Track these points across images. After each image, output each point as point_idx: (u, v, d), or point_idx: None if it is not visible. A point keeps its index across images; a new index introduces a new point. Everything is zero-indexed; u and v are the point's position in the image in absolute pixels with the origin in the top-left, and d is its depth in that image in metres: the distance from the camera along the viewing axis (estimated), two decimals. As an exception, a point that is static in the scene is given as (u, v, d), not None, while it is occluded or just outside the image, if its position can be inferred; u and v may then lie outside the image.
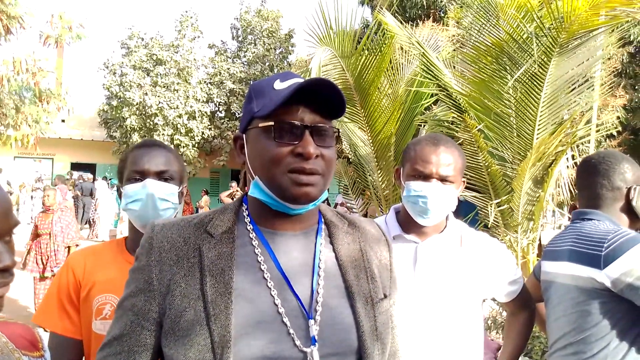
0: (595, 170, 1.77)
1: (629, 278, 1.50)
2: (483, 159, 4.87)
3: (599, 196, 1.75)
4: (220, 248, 0.99)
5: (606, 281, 1.54)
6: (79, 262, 1.59)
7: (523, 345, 1.92)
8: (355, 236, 1.11)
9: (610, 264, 1.53)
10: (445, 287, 1.66)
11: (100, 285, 1.53)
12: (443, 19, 11.03)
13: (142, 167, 1.57)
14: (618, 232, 1.59)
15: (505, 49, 4.70)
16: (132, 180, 1.58)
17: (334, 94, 0.97)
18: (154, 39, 18.95)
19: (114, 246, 1.65)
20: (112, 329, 1.02)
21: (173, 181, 1.62)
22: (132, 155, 1.62)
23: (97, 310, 1.51)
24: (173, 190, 1.60)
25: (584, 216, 1.76)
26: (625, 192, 1.73)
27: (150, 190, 1.55)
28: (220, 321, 0.91)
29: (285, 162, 0.96)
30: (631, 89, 10.72)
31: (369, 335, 0.98)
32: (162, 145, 1.67)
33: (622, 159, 1.76)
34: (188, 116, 18.37)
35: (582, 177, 1.84)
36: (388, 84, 5.81)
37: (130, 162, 1.61)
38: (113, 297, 1.51)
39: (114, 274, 1.53)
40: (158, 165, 1.59)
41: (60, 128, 19.81)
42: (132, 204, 1.56)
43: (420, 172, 1.66)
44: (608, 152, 1.82)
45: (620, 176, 1.73)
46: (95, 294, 1.52)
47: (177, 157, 1.68)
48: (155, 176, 1.58)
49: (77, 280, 1.56)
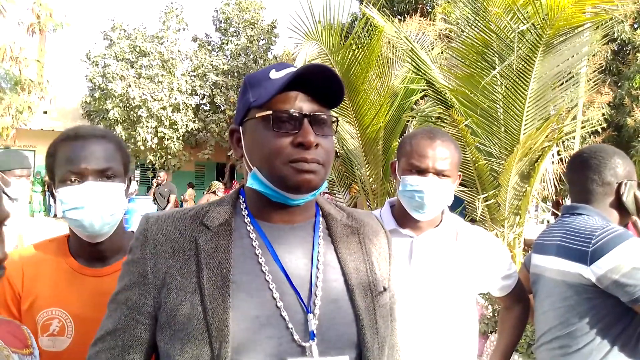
0: (587, 164, 1.76)
1: (614, 275, 1.50)
2: (470, 154, 4.90)
3: (590, 191, 1.75)
4: (217, 241, 0.96)
5: (592, 277, 1.55)
6: (16, 270, 1.34)
7: (517, 339, 1.93)
8: (354, 228, 1.09)
9: (597, 260, 1.54)
10: (441, 282, 1.66)
11: (44, 299, 1.32)
12: (430, 14, 11.05)
13: (79, 167, 1.30)
14: (606, 228, 1.59)
15: (492, 45, 4.73)
16: (68, 182, 1.30)
17: (331, 81, 0.95)
18: (137, 30, 18.73)
19: (54, 249, 1.41)
20: (105, 323, 0.99)
21: (117, 179, 1.35)
22: (64, 149, 1.33)
23: (42, 326, 1.32)
24: (119, 189, 1.35)
25: (574, 211, 1.76)
26: (616, 187, 1.72)
27: (92, 196, 1.29)
28: (217, 315, 0.89)
29: (285, 153, 0.94)
30: (615, 86, 10.86)
31: (368, 329, 0.97)
32: (100, 133, 1.38)
33: (614, 154, 1.76)
34: (172, 108, 18.22)
35: (573, 172, 1.84)
36: (377, 79, 5.80)
37: (64, 159, 1.32)
38: (60, 311, 1.32)
39: (59, 286, 1.34)
40: (99, 163, 1.31)
41: (42, 120, 19.48)
42: (71, 212, 1.30)
43: (417, 167, 1.65)
44: (600, 147, 1.82)
45: (611, 171, 1.72)
46: (39, 308, 1.32)
47: (119, 145, 1.41)
48: (96, 176, 1.31)
49: (16, 293, 1.33)
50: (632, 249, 1.52)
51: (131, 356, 0.96)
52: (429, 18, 10.24)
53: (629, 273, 1.49)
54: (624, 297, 1.51)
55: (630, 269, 1.49)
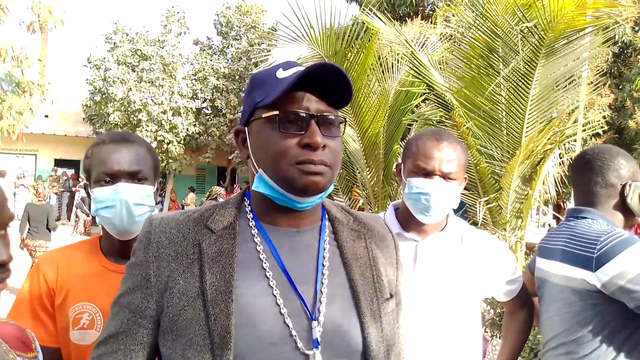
0: (590, 166, 1.74)
1: (620, 281, 1.48)
2: (472, 157, 4.89)
3: (593, 193, 1.72)
4: (220, 244, 0.94)
5: (598, 283, 1.53)
6: (51, 267, 1.44)
7: (522, 344, 1.91)
8: (361, 233, 1.06)
9: (603, 266, 1.51)
10: (446, 286, 1.63)
11: (76, 293, 1.41)
12: (432, 17, 11.06)
13: (112, 169, 1.41)
14: (611, 233, 1.56)
15: (495, 47, 4.72)
16: (102, 183, 1.41)
17: (339, 80, 0.93)
18: (139, 33, 18.78)
19: (87, 248, 1.51)
20: (108, 326, 0.98)
21: (147, 181, 1.46)
22: (98, 152, 1.45)
23: (74, 320, 1.39)
24: (148, 192, 1.46)
25: (578, 214, 1.74)
26: (620, 188, 1.70)
27: (123, 197, 1.39)
28: (220, 321, 0.87)
29: (292, 154, 0.91)
30: (616, 88, 10.86)
31: (374, 337, 0.95)
32: (132, 139, 1.49)
33: (617, 155, 1.73)
34: (173, 112, 18.23)
35: (577, 174, 1.81)
36: (376, 82, 5.79)
37: (98, 161, 1.43)
38: (90, 305, 1.41)
39: (90, 281, 1.42)
40: (130, 166, 1.42)
41: (44, 123, 19.51)
42: (104, 210, 1.41)
43: (423, 169, 1.61)
44: (603, 148, 1.79)
45: (614, 173, 1.70)
46: (70, 303, 1.41)
47: (150, 150, 1.52)
48: (127, 178, 1.42)
49: (50, 288, 1.42)
50: (637, 254, 1.50)
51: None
52: (430, 21, 10.26)
53: (634, 279, 1.47)
54: (630, 303, 1.49)
55: (636, 275, 1.47)
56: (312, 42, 5.46)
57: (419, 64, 5.32)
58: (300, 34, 5.53)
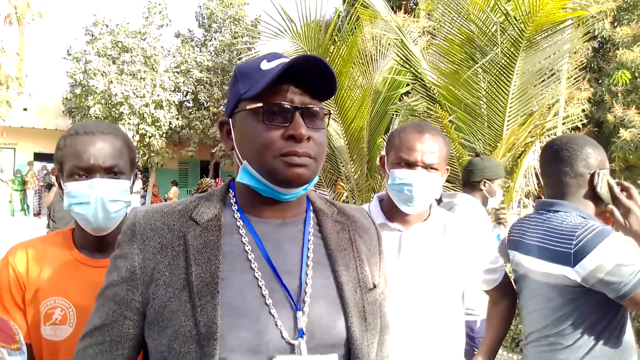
0: (558, 157, 1.75)
1: (599, 274, 1.51)
2: (454, 150, 4.93)
3: (563, 184, 1.74)
4: (206, 236, 0.95)
5: (578, 278, 1.56)
6: (21, 259, 1.39)
7: (504, 333, 1.95)
8: (345, 225, 1.08)
9: (581, 261, 1.54)
10: (429, 275, 1.66)
11: (48, 288, 1.36)
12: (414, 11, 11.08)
13: (87, 163, 1.34)
14: (586, 227, 1.58)
15: (474, 40, 4.76)
16: (76, 177, 1.35)
17: (323, 72, 0.94)
18: (119, 25, 18.50)
19: (59, 240, 1.45)
20: (93, 318, 0.98)
21: (124, 175, 1.40)
22: (72, 143, 1.37)
23: (45, 315, 1.35)
24: (124, 186, 1.40)
25: (551, 207, 1.75)
26: (589, 178, 1.71)
27: (98, 193, 1.34)
28: (206, 312, 0.88)
29: (276, 146, 0.92)
30: (595, 82, 11.02)
31: (357, 326, 0.96)
32: (107, 130, 1.41)
33: (584, 144, 1.73)
34: (155, 105, 18.03)
35: (545, 165, 1.82)
36: (360, 75, 5.80)
37: (72, 154, 1.36)
38: (63, 300, 1.36)
39: (62, 276, 1.37)
40: (106, 160, 1.35)
41: (23, 117, 19.16)
42: (78, 206, 1.35)
43: (405, 160, 1.65)
44: (570, 138, 1.78)
45: (582, 162, 1.71)
46: (42, 297, 1.35)
47: (126, 141, 1.45)
48: (103, 173, 1.36)
49: (21, 282, 1.37)
50: (613, 245, 1.53)
51: (119, 352, 0.95)
52: (412, 15, 10.28)
53: (612, 270, 1.50)
54: (611, 293, 1.53)
55: (613, 267, 1.50)
56: (295, 36, 5.44)
57: (407, 53, 5.33)
58: (283, 29, 5.50)
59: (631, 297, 1.50)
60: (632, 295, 1.49)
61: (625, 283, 1.49)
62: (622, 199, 1.71)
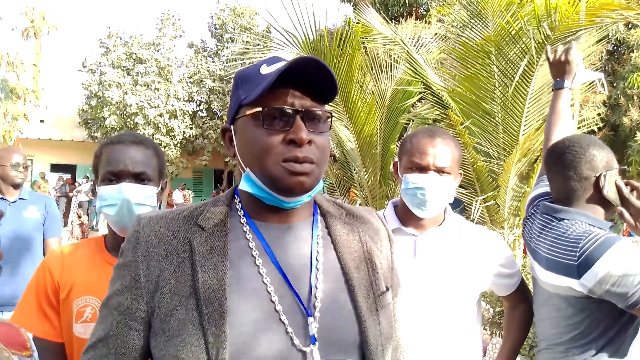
0: (561, 161, 1.68)
1: (605, 285, 1.47)
2: (468, 155, 4.89)
3: (569, 189, 1.67)
4: (212, 242, 0.92)
5: (584, 290, 1.51)
6: (56, 262, 1.50)
7: (523, 338, 1.91)
8: (354, 226, 1.04)
9: (585, 273, 1.49)
10: (445, 280, 1.66)
11: (80, 287, 1.45)
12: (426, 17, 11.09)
13: (117, 168, 1.46)
14: (589, 237, 1.52)
15: (493, 46, 4.73)
16: (107, 182, 1.47)
17: (323, 74, 0.91)
18: (133, 37, 18.77)
19: (92, 245, 1.56)
20: (97, 330, 0.95)
21: (151, 182, 1.51)
22: (106, 152, 1.50)
23: (77, 313, 1.43)
24: (151, 192, 1.50)
25: (556, 214, 1.68)
26: (594, 181, 1.64)
27: (125, 196, 1.44)
28: (214, 320, 0.85)
29: (277, 151, 0.89)
30: (610, 85, 10.90)
31: (371, 330, 0.93)
32: (140, 140, 1.53)
33: (588, 146, 1.66)
34: (169, 115, 18.22)
35: (549, 169, 1.76)
36: (372, 81, 5.79)
37: (105, 161, 1.49)
38: (94, 299, 1.43)
39: (93, 275, 1.46)
40: (135, 167, 1.47)
41: (40, 128, 19.47)
42: (107, 207, 1.47)
43: (418, 164, 1.66)
44: (573, 139, 1.71)
45: (587, 165, 1.64)
46: (75, 296, 1.44)
47: (157, 152, 1.56)
48: (131, 178, 1.47)
49: (55, 282, 1.47)
50: (617, 255, 1.48)
51: None
52: (424, 21, 10.28)
53: (617, 281, 1.45)
54: (620, 303, 1.48)
55: (618, 277, 1.45)
56: (304, 47, 5.44)
57: (415, 64, 5.33)
58: (290, 40, 5.51)
59: None
60: None
61: (632, 293, 1.44)
62: (631, 200, 1.64)
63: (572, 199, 1.68)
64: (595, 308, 1.55)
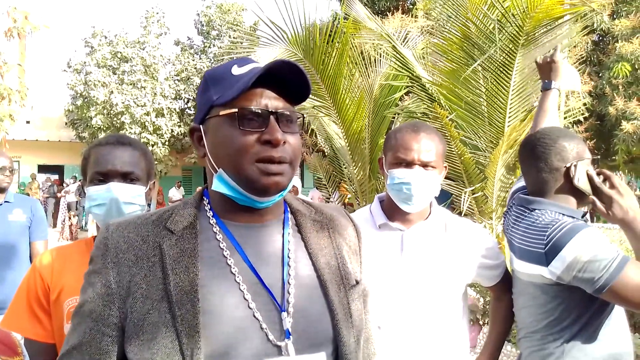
0: (533, 153, 1.72)
1: (572, 271, 1.51)
2: (456, 148, 4.92)
3: (540, 180, 1.71)
4: (182, 244, 0.93)
5: (553, 277, 1.55)
6: (47, 265, 1.51)
7: (508, 329, 1.94)
8: (324, 224, 1.08)
9: (552, 261, 1.53)
10: (432, 273, 1.68)
11: (70, 288, 1.45)
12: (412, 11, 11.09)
13: (105, 169, 1.48)
14: (555, 225, 1.56)
15: (473, 39, 4.76)
16: (95, 182, 1.49)
17: (297, 76, 0.93)
18: (118, 36, 18.60)
19: (82, 246, 1.57)
20: (70, 338, 0.95)
21: (139, 182, 1.53)
22: (95, 153, 1.52)
23: (68, 313, 1.43)
24: (139, 192, 1.52)
25: (529, 205, 1.73)
26: (565, 171, 1.67)
27: (114, 195, 1.47)
28: (187, 321, 0.86)
29: (252, 152, 0.91)
30: (596, 76, 10.99)
31: (343, 323, 0.96)
32: (128, 141, 1.56)
33: (558, 137, 1.70)
34: (156, 113, 18.09)
35: (523, 161, 1.79)
36: (359, 77, 5.80)
37: (93, 162, 1.51)
38: None
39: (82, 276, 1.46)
40: (123, 167, 1.50)
41: (26, 129, 19.29)
42: (96, 207, 1.49)
43: (403, 159, 1.68)
44: (544, 132, 1.75)
45: (557, 156, 1.67)
46: (65, 297, 1.46)
47: (145, 152, 1.59)
48: (120, 178, 1.49)
49: (46, 284, 1.49)
50: (583, 241, 1.52)
51: None
52: (410, 15, 10.29)
53: (583, 267, 1.50)
54: (588, 288, 1.52)
55: (584, 263, 1.50)
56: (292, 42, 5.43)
57: (401, 58, 5.35)
58: (279, 36, 5.50)
59: (607, 291, 1.49)
60: (607, 289, 1.48)
61: (598, 277, 1.48)
62: (602, 189, 1.67)
63: (545, 190, 1.72)
64: (567, 295, 1.59)
